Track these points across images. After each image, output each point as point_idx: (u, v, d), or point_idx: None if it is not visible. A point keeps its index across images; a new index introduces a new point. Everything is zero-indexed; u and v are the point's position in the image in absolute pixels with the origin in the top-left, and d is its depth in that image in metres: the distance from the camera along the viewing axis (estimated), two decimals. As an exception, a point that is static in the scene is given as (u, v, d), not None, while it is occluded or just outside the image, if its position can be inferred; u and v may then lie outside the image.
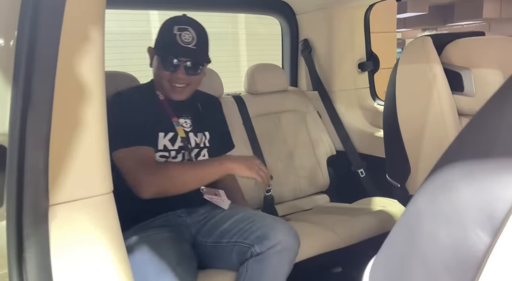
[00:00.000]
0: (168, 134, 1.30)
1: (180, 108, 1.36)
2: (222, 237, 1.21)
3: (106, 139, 0.49)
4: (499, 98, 0.34)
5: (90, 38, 0.44)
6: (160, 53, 1.28)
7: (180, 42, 1.25)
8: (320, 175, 1.99)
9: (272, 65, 2.01)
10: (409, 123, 1.16)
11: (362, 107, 2.08)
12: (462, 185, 0.33)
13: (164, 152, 1.29)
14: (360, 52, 2.07)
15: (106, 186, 0.49)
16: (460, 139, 0.36)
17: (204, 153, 1.38)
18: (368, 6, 1.99)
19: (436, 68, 1.08)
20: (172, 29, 1.25)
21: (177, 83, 1.29)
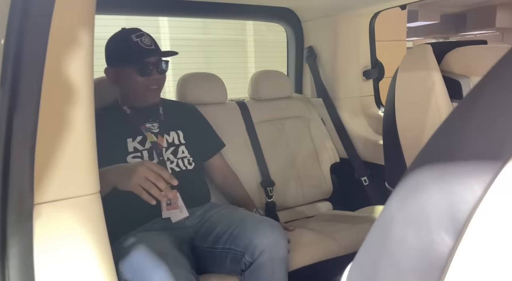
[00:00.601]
0: (136, 138, 1.32)
1: (147, 115, 1.38)
2: (216, 242, 1.21)
3: (93, 139, 0.50)
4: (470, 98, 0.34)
5: (78, 41, 0.46)
6: (131, 63, 1.29)
7: (144, 46, 1.28)
8: (323, 182, 1.98)
9: (277, 72, 2.02)
10: (408, 130, 1.16)
11: (366, 114, 2.07)
12: (431, 188, 0.33)
13: (135, 153, 1.30)
14: (365, 60, 2.07)
15: (93, 186, 0.50)
16: (434, 140, 0.37)
17: (182, 150, 1.39)
18: (373, 14, 1.99)
19: (435, 76, 1.08)
20: (130, 38, 1.28)
21: (153, 85, 1.32)
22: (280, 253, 1.15)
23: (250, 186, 1.78)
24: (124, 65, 1.30)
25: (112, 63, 1.35)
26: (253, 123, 1.88)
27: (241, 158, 1.80)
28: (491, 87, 0.32)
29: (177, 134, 1.41)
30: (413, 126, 1.14)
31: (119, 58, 1.32)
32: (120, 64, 1.32)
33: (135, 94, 1.33)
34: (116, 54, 1.33)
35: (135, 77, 1.29)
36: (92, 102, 0.50)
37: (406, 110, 1.17)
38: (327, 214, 1.93)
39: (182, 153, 1.38)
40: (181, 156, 1.38)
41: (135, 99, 1.36)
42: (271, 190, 1.80)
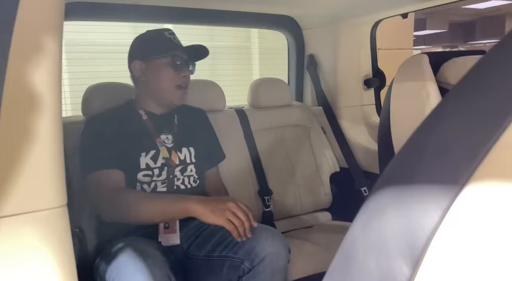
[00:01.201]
0: (150, 152, 1.27)
1: (162, 124, 1.33)
2: (213, 250, 1.20)
3: (60, 151, 0.49)
4: (430, 119, 0.32)
5: (44, 48, 0.44)
6: (163, 54, 1.26)
7: (177, 43, 1.28)
8: (323, 192, 1.95)
9: (277, 79, 2.01)
10: (402, 140, 1.13)
11: (367, 124, 2.04)
12: (391, 212, 0.31)
13: (147, 170, 1.26)
14: (366, 69, 2.05)
15: (59, 199, 0.49)
16: (396, 161, 0.34)
17: (191, 169, 1.35)
18: (374, 23, 1.98)
19: (430, 86, 1.05)
20: (164, 35, 1.28)
21: (182, 83, 1.29)
22: (280, 262, 1.13)
23: (247, 194, 1.76)
24: (155, 57, 1.26)
25: (140, 56, 1.29)
26: (251, 131, 1.86)
27: (239, 166, 1.78)
28: (451, 107, 0.30)
29: (189, 151, 1.36)
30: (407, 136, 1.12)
31: (150, 50, 1.28)
32: (150, 56, 1.27)
33: (162, 89, 1.28)
34: (148, 46, 1.29)
35: (166, 70, 1.26)
36: (59, 111, 0.49)
37: (401, 121, 1.14)
38: (325, 224, 1.90)
39: (190, 171, 1.34)
40: (188, 174, 1.34)
41: (160, 97, 1.30)
42: (269, 199, 1.78)
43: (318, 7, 1.82)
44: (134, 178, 1.23)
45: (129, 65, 1.31)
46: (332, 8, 1.81)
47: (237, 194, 1.70)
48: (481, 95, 0.29)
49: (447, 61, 1.11)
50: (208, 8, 1.81)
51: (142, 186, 1.25)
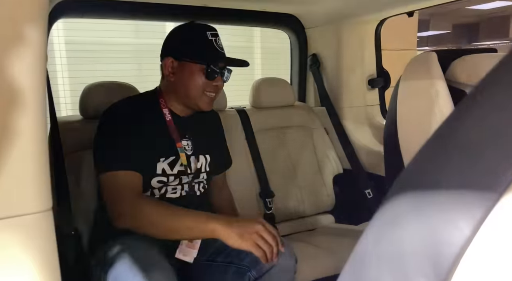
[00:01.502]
0: (169, 158, 1.19)
1: (184, 128, 1.24)
2: (217, 255, 1.16)
3: (44, 150, 0.45)
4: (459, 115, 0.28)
5: (26, 39, 0.41)
6: (203, 61, 1.16)
7: (218, 48, 1.17)
8: (326, 194, 1.91)
9: (279, 79, 1.97)
10: (410, 142, 1.09)
11: (371, 124, 2.01)
12: (410, 222, 0.27)
13: (162, 177, 1.17)
14: (370, 68, 2.01)
15: (43, 203, 0.45)
16: (415, 163, 0.30)
17: (203, 176, 1.29)
18: (379, 21, 1.94)
19: (439, 84, 1.01)
20: (206, 35, 1.16)
21: (212, 91, 1.19)
22: (288, 274, 1.11)
23: (248, 197, 1.72)
24: (192, 60, 1.16)
25: (175, 53, 1.18)
26: (253, 132, 1.83)
27: (240, 168, 1.74)
28: (486, 101, 0.25)
29: (206, 159, 1.29)
30: (415, 138, 1.07)
31: (187, 51, 1.17)
32: (187, 58, 1.17)
33: (190, 96, 1.18)
34: (185, 45, 1.18)
35: (199, 77, 1.16)
36: (43, 108, 0.45)
37: (408, 121, 1.10)
38: (328, 227, 1.86)
39: (201, 178, 1.29)
40: (199, 180, 1.28)
41: (186, 101, 1.21)
42: (271, 202, 1.74)
43: (321, 5, 1.79)
44: (147, 183, 1.15)
45: (162, 59, 1.22)
46: (336, 6, 1.77)
47: (237, 196, 1.67)
48: None
49: (456, 59, 1.07)
50: (209, 6, 1.78)
51: (153, 190, 1.18)
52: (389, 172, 1.25)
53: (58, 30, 2.91)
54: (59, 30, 2.90)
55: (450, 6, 6.50)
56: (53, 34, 2.87)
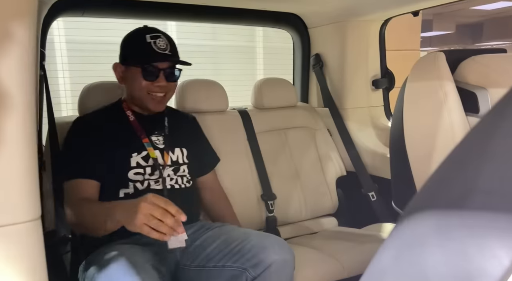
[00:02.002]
0: (142, 152, 1.25)
1: (151, 125, 1.31)
2: (208, 261, 1.13)
3: (33, 157, 0.42)
4: (493, 118, 0.24)
5: (12, 36, 0.38)
6: (138, 63, 1.23)
7: (156, 49, 1.21)
8: (328, 196, 1.88)
9: (281, 80, 1.94)
10: (417, 145, 1.05)
11: (375, 126, 1.97)
12: (433, 244, 0.24)
13: (138, 168, 1.23)
14: (375, 69, 1.98)
15: (31, 212, 0.42)
16: (439, 175, 0.27)
17: (184, 169, 1.33)
18: (383, 21, 1.91)
19: (448, 86, 0.98)
20: (144, 38, 1.22)
21: (157, 92, 1.25)
22: (287, 270, 1.09)
23: (250, 199, 1.69)
24: (131, 64, 1.24)
25: (121, 59, 1.30)
26: (255, 133, 1.80)
27: (241, 170, 1.71)
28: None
29: (182, 152, 1.34)
30: (422, 141, 1.04)
31: (128, 56, 1.27)
32: (128, 62, 1.26)
33: (138, 98, 1.27)
34: (127, 50, 1.28)
35: (140, 79, 1.23)
36: (33, 111, 0.42)
37: (416, 123, 1.07)
38: (331, 230, 1.83)
39: (182, 171, 1.32)
40: (181, 174, 1.32)
41: (138, 104, 1.30)
42: (272, 204, 1.71)
43: (324, 4, 1.76)
44: (125, 177, 1.21)
45: (112, 65, 1.32)
46: (339, 6, 1.74)
47: (239, 199, 1.65)
48: None
49: (465, 60, 1.03)
50: (211, 5, 1.75)
51: (135, 184, 1.22)
52: (395, 175, 1.22)
53: (59, 29, 2.89)
54: (59, 29, 2.88)
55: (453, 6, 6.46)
56: (54, 33, 2.85)
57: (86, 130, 1.25)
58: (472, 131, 0.26)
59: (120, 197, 1.20)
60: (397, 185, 1.21)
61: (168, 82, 1.26)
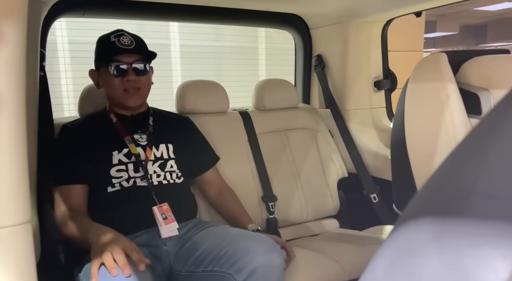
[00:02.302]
0: (122, 150, 1.28)
1: (134, 125, 1.35)
2: (197, 265, 1.11)
3: (23, 158, 0.41)
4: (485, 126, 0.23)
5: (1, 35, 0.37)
6: (105, 62, 1.27)
7: (120, 46, 1.25)
8: (330, 198, 1.86)
9: (283, 81, 1.93)
10: (418, 147, 1.04)
11: (377, 127, 1.96)
12: (429, 252, 0.23)
13: (120, 165, 1.26)
14: (377, 70, 1.96)
15: (20, 216, 0.41)
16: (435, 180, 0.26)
17: (171, 164, 1.34)
18: (385, 22, 1.89)
19: (450, 87, 0.96)
20: (109, 39, 1.27)
21: (130, 88, 1.28)
22: (274, 272, 1.04)
23: (251, 201, 1.68)
24: (101, 66, 1.29)
25: (95, 65, 1.35)
26: (255, 134, 1.79)
27: (241, 171, 1.70)
28: None
29: (167, 147, 1.36)
30: (424, 143, 1.02)
31: (98, 59, 1.32)
32: (98, 65, 1.32)
33: (114, 97, 1.30)
34: (96, 55, 1.33)
35: (111, 78, 1.26)
36: (22, 112, 0.41)
37: (417, 125, 1.05)
38: (332, 232, 1.81)
39: (170, 167, 1.33)
40: (169, 170, 1.33)
41: (117, 104, 1.33)
42: (273, 206, 1.70)
43: (326, 5, 1.75)
44: (107, 174, 1.23)
45: (88, 72, 1.37)
46: (341, 6, 1.73)
47: (240, 200, 1.63)
48: None
49: (467, 61, 1.02)
50: (214, 6, 1.75)
51: (120, 182, 1.24)
52: (395, 177, 1.21)
53: (61, 30, 2.89)
54: (62, 29, 2.88)
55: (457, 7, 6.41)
56: (56, 33, 2.85)
57: (70, 136, 1.29)
58: (472, 131, 0.25)
59: (109, 192, 1.22)
60: (398, 187, 1.20)
61: (138, 76, 1.28)
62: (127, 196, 1.22)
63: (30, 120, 1.28)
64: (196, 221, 1.30)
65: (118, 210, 1.19)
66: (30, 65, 1.27)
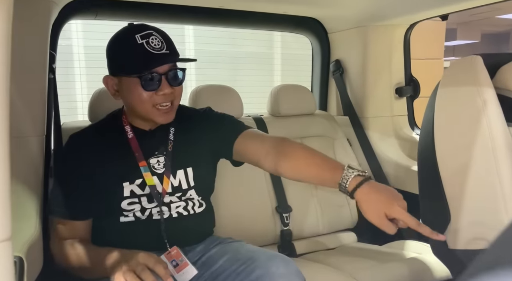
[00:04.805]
0: (135, 181, 1.08)
1: (152, 144, 1.12)
2: (214, 279, 1.05)
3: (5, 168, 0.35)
4: None
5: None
6: (133, 72, 1.01)
7: (151, 50, 0.99)
8: (348, 210, 1.78)
9: (299, 86, 1.88)
10: (450, 159, 0.95)
11: (398, 136, 1.89)
12: None
13: (132, 198, 1.07)
14: (398, 76, 1.90)
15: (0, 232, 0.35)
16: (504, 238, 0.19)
17: (190, 193, 1.14)
18: (409, 25, 1.82)
19: (488, 93, 0.88)
20: (135, 40, 0.99)
21: (163, 102, 1.03)
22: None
23: (264, 211, 1.62)
24: (125, 75, 1.03)
25: (112, 70, 1.08)
26: (270, 141, 1.72)
27: (255, 180, 1.63)
28: None
29: (186, 174, 1.13)
30: (456, 155, 0.94)
31: (120, 66, 1.05)
32: (120, 73, 1.05)
33: (139, 112, 1.06)
34: (117, 60, 1.06)
35: (139, 91, 1.01)
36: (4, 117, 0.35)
37: (449, 134, 0.97)
38: (350, 246, 1.73)
39: (189, 195, 1.14)
40: (188, 197, 1.14)
41: (140, 117, 1.10)
42: (288, 217, 1.62)
43: (347, 7, 1.68)
44: (117, 207, 1.07)
45: (103, 79, 1.12)
46: (362, 9, 1.66)
47: (252, 211, 1.59)
48: None
49: (506, 64, 0.93)
50: (229, 8, 1.71)
51: (134, 213, 1.08)
52: (423, 191, 1.12)
53: (77, 32, 2.90)
54: (78, 32, 2.90)
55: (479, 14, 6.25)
56: (72, 36, 2.86)
57: (76, 158, 1.09)
58: None
59: (121, 222, 1.09)
60: (426, 201, 1.11)
61: (173, 87, 1.04)
62: (140, 228, 1.09)
63: (38, 123, 1.24)
64: (213, 238, 1.21)
65: (129, 241, 1.05)
66: (37, 66, 1.23)
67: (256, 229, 1.57)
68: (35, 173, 1.15)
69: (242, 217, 1.57)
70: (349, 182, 0.94)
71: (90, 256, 1.01)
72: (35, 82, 1.21)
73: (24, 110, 1.15)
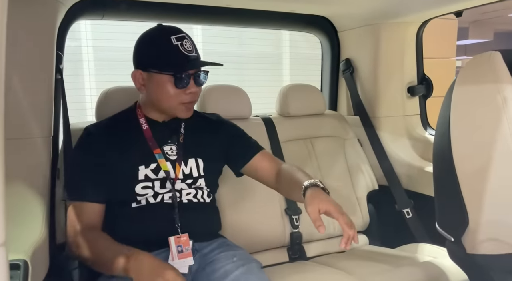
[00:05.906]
0: (150, 165, 1.16)
1: (165, 134, 1.21)
2: None
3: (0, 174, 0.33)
4: None
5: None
6: (169, 70, 1.10)
7: (185, 52, 1.10)
8: (359, 212, 1.75)
9: (308, 86, 1.85)
10: (468, 159, 0.91)
11: (410, 136, 1.85)
12: None
13: (146, 181, 1.14)
14: (411, 75, 1.86)
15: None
16: None
17: (201, 182, 1.21)
18: (421, 23, 1.78)
19: (508, 90, 0.84)
20: (171, 40, 1.10)
21: (187, 99, 1.14)
22: None
23: (273, 213, 1.59)
24: (158, 71, 1.11)
25: (143, 66, 1.14)
26: (279, 142, 1.70)
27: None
28: None
29: (197, 163, 1.21)
30: (475, 155, 0.90)
31: (154, 62, 1.12)
32: (153, 69, 1.12)
33: (165, 106, 1.16)
34: (151, 57, 1.13)
35: (168, 87, 1.11)
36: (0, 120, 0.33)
37: (466, 134, 0.93)
38: (361, 250, 1.70)
39: (199, 184, 1.21)
40: (198, 186, 1.21)
41: (163, 110, 1.19)
42: (297, 219, 1.60)
43: (357, 5, 1.65)
44: (131, 191, 1.13)
45: (132, 73, 1.18)
46: (373, 6, 1.63)
47: (261, 213, 1.56)
48: None
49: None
50: (237, 7, 1.69)
51: (147, 198, 1.14)
52: (439, 193, 1.08)
53: (86, 33, 2.91)
54: (87, 32, 2.91)
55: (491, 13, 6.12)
56: (81, 37, 2.87)
57: (92, 142, 1.17)
58: None
59: (133, 208, 1.13)
60: (442, 204, 1.07)
61: (198, 87, 1.16)
62: (152, 212, 1.13)
63: (44, 124, 1.23)
64: (221, 242, 1.21)
65: (142, 226, 1.12)
66: (43, 67, 1.22)
67: (265, 231, 1.55)
68: (41, 175, 1.15)
69: (250, 220, 1.54)
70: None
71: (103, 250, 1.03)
72: (41, 83, 1.20)
73: (30, 111, 1.15)
